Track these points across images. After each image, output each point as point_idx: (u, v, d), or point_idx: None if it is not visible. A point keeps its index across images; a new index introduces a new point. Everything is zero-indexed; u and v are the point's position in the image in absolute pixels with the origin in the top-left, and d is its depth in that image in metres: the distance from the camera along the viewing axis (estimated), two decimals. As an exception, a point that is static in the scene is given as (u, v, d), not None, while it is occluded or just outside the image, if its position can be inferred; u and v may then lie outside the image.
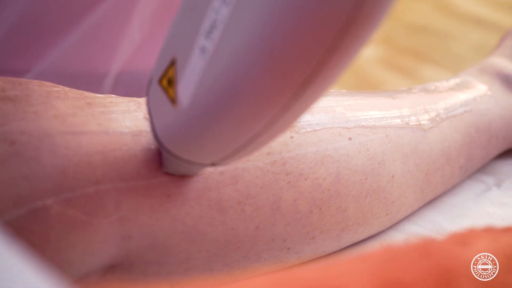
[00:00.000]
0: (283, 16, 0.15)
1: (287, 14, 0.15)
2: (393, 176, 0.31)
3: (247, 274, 0.28)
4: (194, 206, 0.25)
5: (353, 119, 0.30)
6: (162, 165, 0.24)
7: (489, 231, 0.19)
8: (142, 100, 0.27)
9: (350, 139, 0.29)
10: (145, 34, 0.36)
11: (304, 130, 0.28)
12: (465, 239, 0.18)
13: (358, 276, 0.15)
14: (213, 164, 0.22)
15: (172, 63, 0.20)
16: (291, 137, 0.28)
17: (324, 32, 0.15)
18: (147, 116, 0.26)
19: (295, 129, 0.28)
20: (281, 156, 0.27)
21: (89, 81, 0.36)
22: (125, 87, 0.38)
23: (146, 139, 0.25)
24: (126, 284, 0.24)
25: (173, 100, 0.20)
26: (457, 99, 0.37)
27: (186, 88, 0.19)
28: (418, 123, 0.33)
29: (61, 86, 0.26)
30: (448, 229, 0.33)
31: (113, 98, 0.27)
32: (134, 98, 0.27)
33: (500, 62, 0.42)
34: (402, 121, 0.33)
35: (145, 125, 0.25)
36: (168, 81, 0.20)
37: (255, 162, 0.26)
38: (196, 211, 0.25)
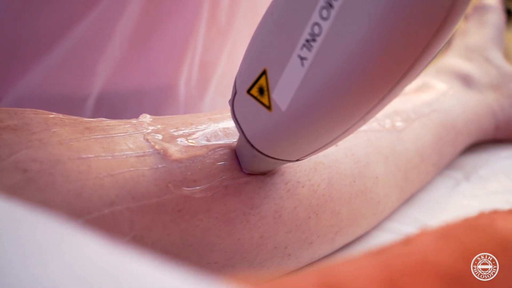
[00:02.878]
0: (384, 25, 0.17)
1: (387, 24, 0.17)
2: (377, 177, 0.33)
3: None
4: (203, 219, 0.25)
5: None
6: (242, 167, 0.26)
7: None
8: (136, 121, 0.27)
9: (336, 145, 0.31)
10: (124, 52, 0.36)
11: None
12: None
13: None
14: (297, 160, 0.25)
15: (263, 73, 0.22)
16: None
17: (420, 37, 0.18)
18: (148, 137, 0.26)
19: None
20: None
21: (71, 103, 0.36)
22: (107, 107, 0.37)
23: (151, 159, 0.25)
24: None
25: (267, 106, 0.22)
26: (423, 99, 0.39)
27: (282, 94, 0.21)
28: (392, 125, 0.35)
29: (54, 113, 0.26)
30: (430, 224, 0.35)
31: (108, 121, 0.27)
32: (128, 120, 0.27)
33: (456, 62, 0.45)
34: (379, 124, 0.34)
35: (147, 146, 0.26)
36: (259, 89, 0.22)
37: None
38: (205, 224, 0.25)
